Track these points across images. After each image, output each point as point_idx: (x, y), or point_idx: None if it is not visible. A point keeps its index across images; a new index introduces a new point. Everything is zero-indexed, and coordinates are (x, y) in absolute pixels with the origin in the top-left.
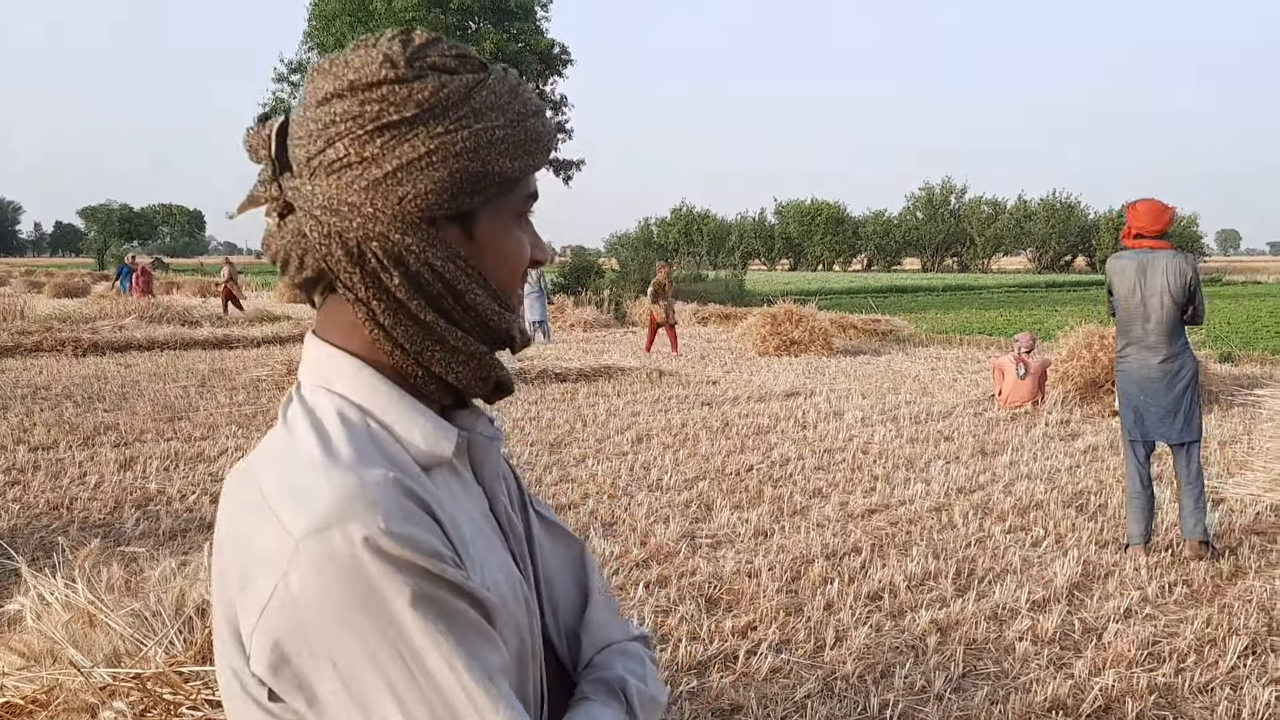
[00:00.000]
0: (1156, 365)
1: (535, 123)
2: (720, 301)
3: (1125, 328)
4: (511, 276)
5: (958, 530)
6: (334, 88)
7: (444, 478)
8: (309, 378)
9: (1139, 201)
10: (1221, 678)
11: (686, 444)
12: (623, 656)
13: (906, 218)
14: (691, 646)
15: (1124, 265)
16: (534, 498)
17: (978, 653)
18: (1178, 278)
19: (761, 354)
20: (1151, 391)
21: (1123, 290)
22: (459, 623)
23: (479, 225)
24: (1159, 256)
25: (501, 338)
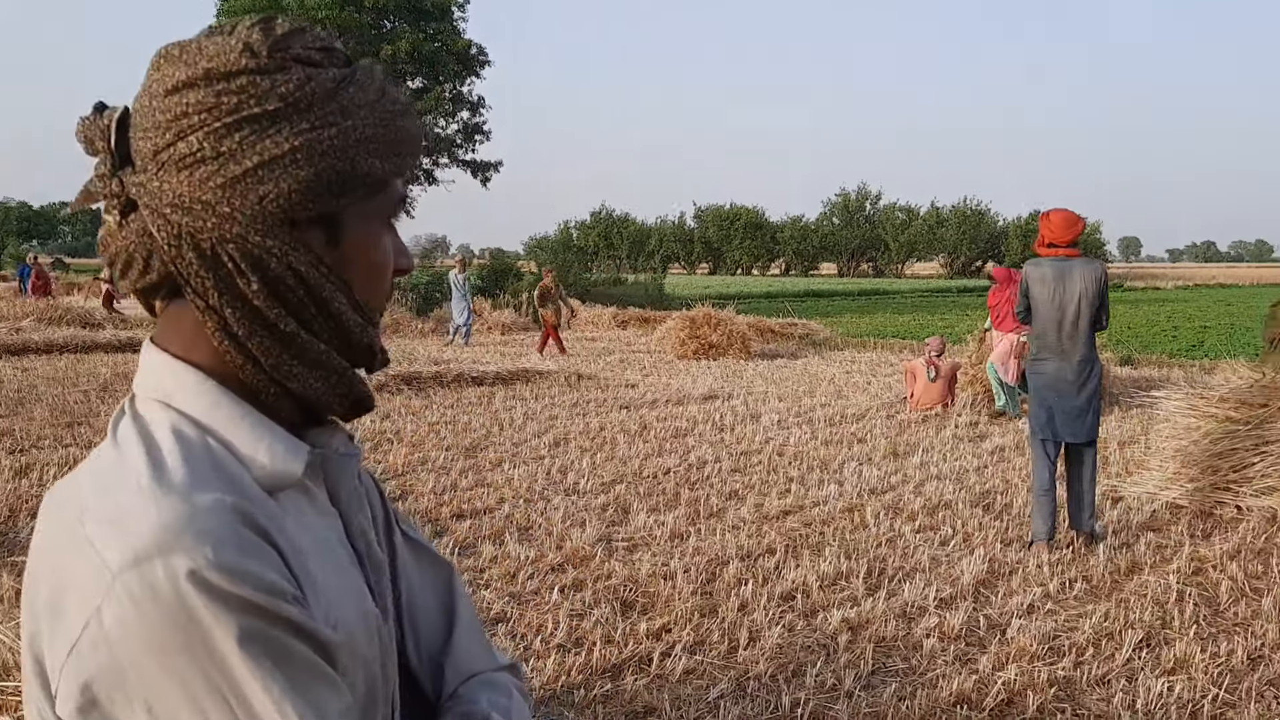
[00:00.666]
0: (1072, 368)
1: (405, 122)
2: (640, 305)
3: (1042, 333)
4: (377, 286)
5: (869, 530)
6: (186, 76)
7: (293, 500)
8: (145, 390)
9: (1052, 211)
10: (1118, 670)
11: (604, 447)
12: (487, 688)
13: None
14: (606, 650)
15: (1043, 272)
16: (401, 517)
17: (887, 650)
18: (1093, 284)
19: (680, 357)
20: (1066, 393)
21: (1041, 296)
22: (293, 664)
23: (345, 230)
24: (1074, 264)
25: (362, 353)
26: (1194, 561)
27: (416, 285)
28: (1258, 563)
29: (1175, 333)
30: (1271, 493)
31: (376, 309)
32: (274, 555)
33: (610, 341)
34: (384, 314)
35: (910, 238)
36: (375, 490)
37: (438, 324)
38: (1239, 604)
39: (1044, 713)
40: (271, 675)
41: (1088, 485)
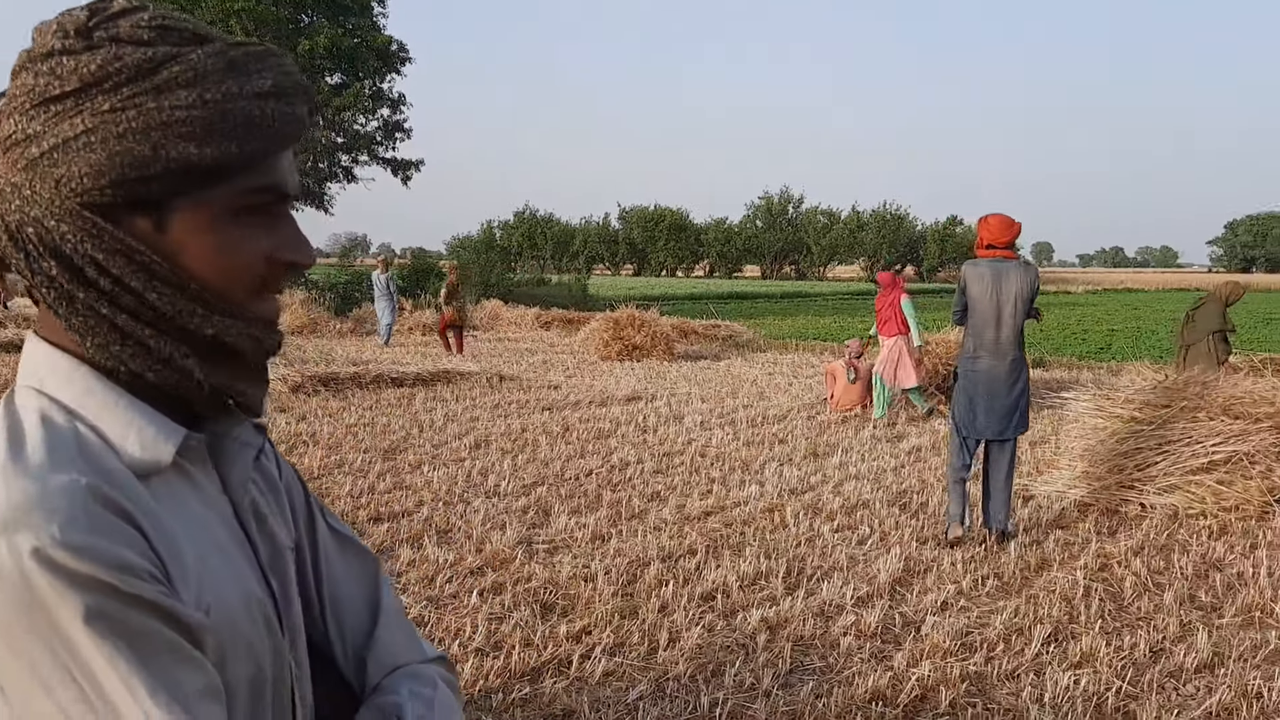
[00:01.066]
0: (1005, 366)
1: (251, 105)
2: (563, 306)
3: (978, 331)
4: (225, 277)
5: (789, 530)
6: (19, 60)
7: (170, 484)
8: (23, 379)
9: (990, 216)
10: (1027, 664)
11: (526, 449)
12: (411, 679)
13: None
14: (525, 653)
15: (981, 272)
16: (326, 510)
17: (805, 649)
18: (1028, 287)
19: (604, 359)
20: (997, 391)
21: (980, 295)
22: (145, 642)
23: (174, 218)
24: (1011, 266)
25: (214, 346)
26: (1100, 558)
27: (335, 285)
28: (1160, 558)
29: (1085, 336)
30: (1173, 490)
31: (237, 300)
32: (133, 535)
33: (533, 342)
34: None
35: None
36: (297, 482)
37: (356, 324)
38: (1142, 598)
39: (956, 708)
40: (119, 652)
41: (1005, 483)
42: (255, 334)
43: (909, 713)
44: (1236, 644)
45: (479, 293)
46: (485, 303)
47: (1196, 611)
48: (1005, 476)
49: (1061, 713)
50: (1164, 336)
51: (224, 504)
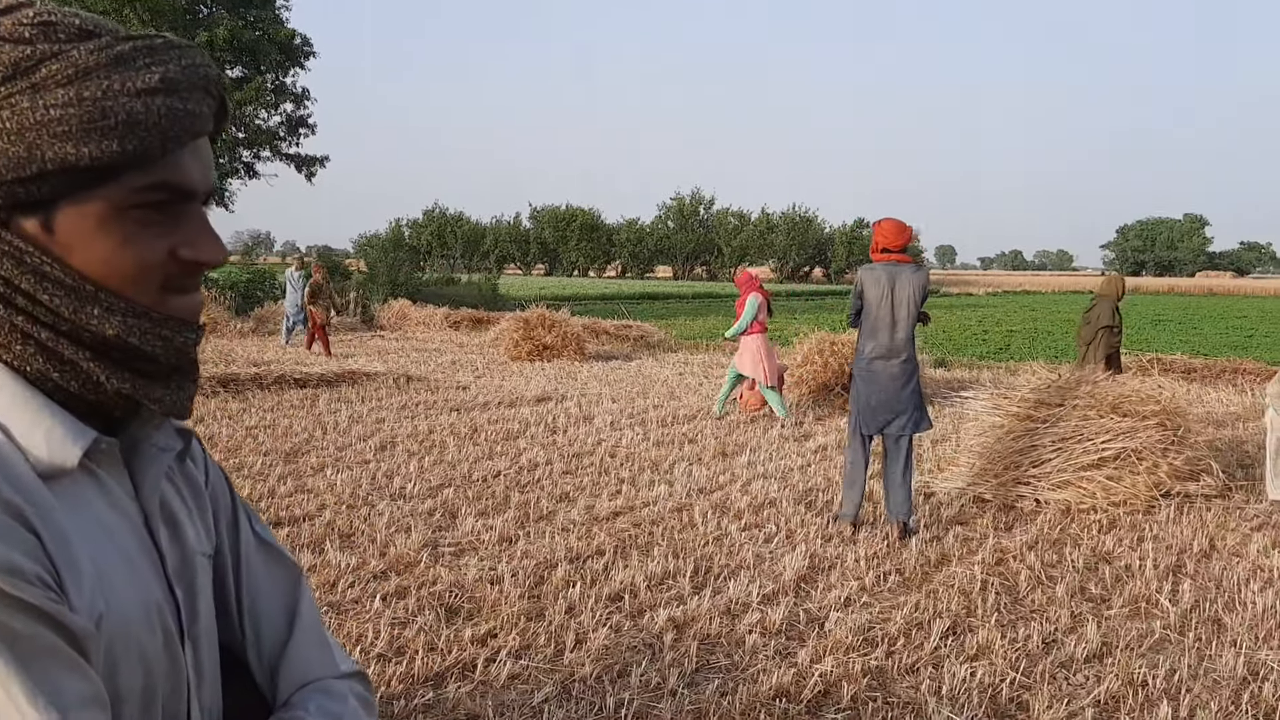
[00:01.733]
0: (898, 365)
1: (134, 102)
2: (473, 305)
3: (872, 332)
4: (122, 276)
5: (697, 529)
6: None
7: (78, 488)
8: None
9: (884, 220)
10: (926, 657)
11: (433, 451)
12: (320, 694)
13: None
14: (429, 658)
15: (877, 275)
16: (254, 516)
17: (711, 647)
18: (920, 290)
19: (514, 359)
20: (891, 389)
21: (874, 298)
22: (28, 647)
23: (60, 218)
24: (904, 270)
25: (119, 347)
26: (997, 553)
27: (235, 284)
28: (1053, 552)
29: (985, 336)
30: (1066, 486)
31: (143, 299)
32: (26, 538)
33: (442, 343)
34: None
35: (742, 242)
36: (225, 486)
37: (258, 324)
38: (1036, 591)
39: (857, 702)
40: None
41: (903, 478)
42: (165, 333)
43: (812, 708)
44: (1123, 634)
45: (386, 292)
46: (393, 302)
47: (1087, 603)
48: (903, 471)
49: (958, 704)
50: (1059, 337)
51: (134, 509)
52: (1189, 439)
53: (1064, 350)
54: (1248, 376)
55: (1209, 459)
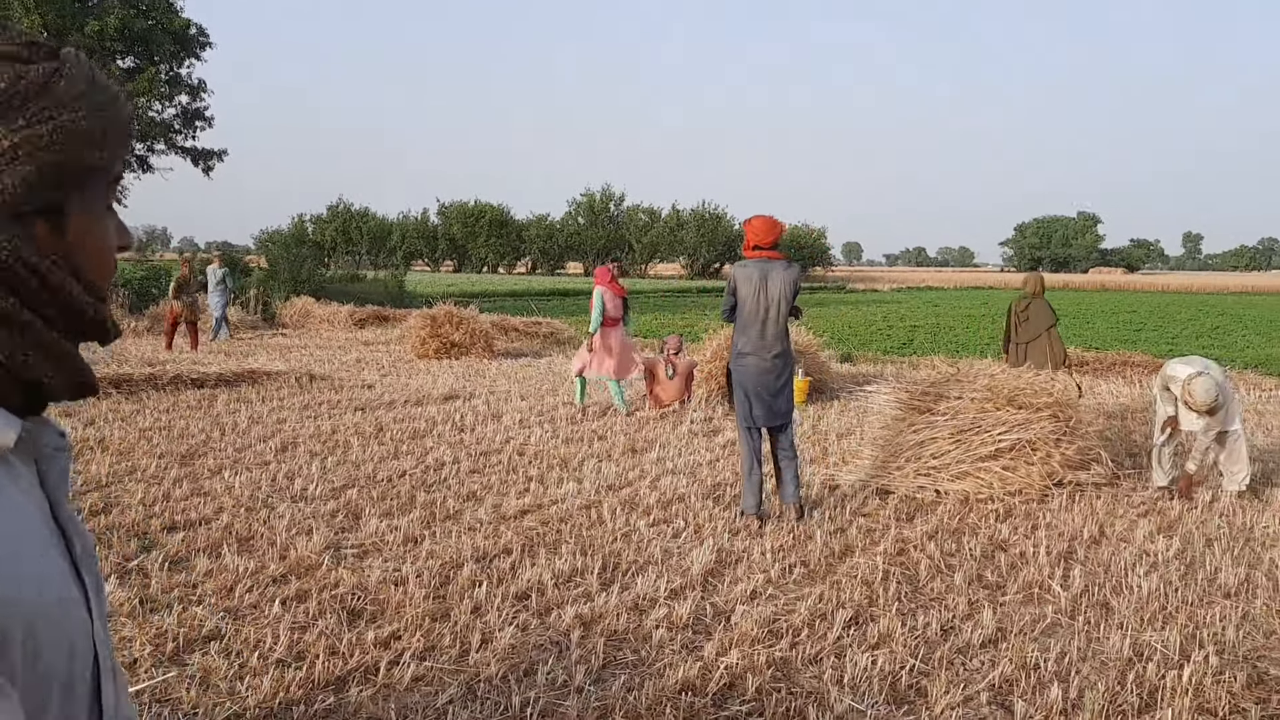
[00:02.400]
0: (770, 360)
1: (116, 110)
2: (379, 303)
3: (745, 328)
4: (104, 267)
5: (606, 526)
6: None
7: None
8: None
9: (754, 218)
10: (829, 647)
11: (336, 451)
12: None
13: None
14: (330, 662)
15: (748, 273)
16: None
17: (618, 643)
18: (791, 286)
19: (421, 357)
20: (766, 383)
21: (746, 295)
22: None
23: (70, 218)
24: (775, 266)
25: (97, 329)
26: (899, 543)
27: (129, 281)
28: (952, 541)
29: (889, 332)
30: (965, 477)
31: (104, 287)
32: None
33: (346, 341)
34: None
35: (653, 239)
36: None
37: (154, 322)
38: (935, 580)
39: (762, 694)
40: None
41: (790, 464)
42: (109, 315)
43: (717, 701)
44: (1018, 619)
45: (289, 289)
46: (296, 299)
47: (983, 590)
48: (790, 458)
49: (859, 692)
50: (960, 332)
51: (42, 500)
52: (1080, 430)
53: (965, 345)
54: (1136, 369)
55: (1099, 449)
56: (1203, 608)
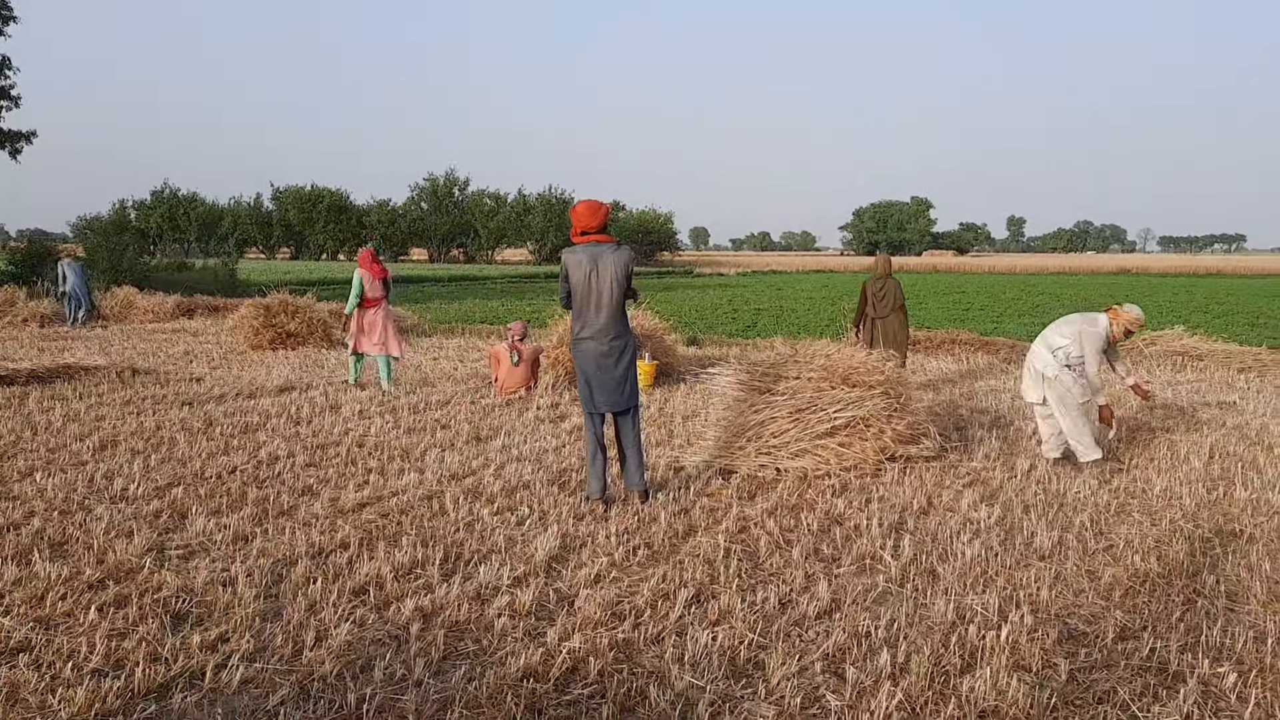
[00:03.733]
0: (609, 344)
1: None
2: (209, 292)
3: (580, 313)
4: None
5: (448, 516)
6: None
7: None
8: None
9: (579, 203)
10: (671, 626)
11: (161, 449)
12: None
13: (412, 208)
14: (152, 669)
15: (579, 258)
16: None
17: (459, 634)
18: (623, 268)
19: (254, 348)
20: (605, 367)
21: (579, 280)
22: None
23: None
24: (605, 250)
25: None
26: (740, 521)
27: None
28: (791, 518)
29: (734, 315)
30: (803, 455)
31: None
32: None
33: (173, 332)
34: None
35: (499, 224)
36: None
37: None
38: (774, 555)
39: (604, 676)
40: None
41: (634, 449)
42: None
43: (560, 686)
44: (851, 590)
45: (109, 279)
46: (116, 290)
47: (820, 563)
48: (634, 443)
49: (699, 669)
50: (802, 314)
51: None
52: (911, 406)
53: (806, 326)
54: (964, 346)
55: (927, 424)
56: (1020, 570)
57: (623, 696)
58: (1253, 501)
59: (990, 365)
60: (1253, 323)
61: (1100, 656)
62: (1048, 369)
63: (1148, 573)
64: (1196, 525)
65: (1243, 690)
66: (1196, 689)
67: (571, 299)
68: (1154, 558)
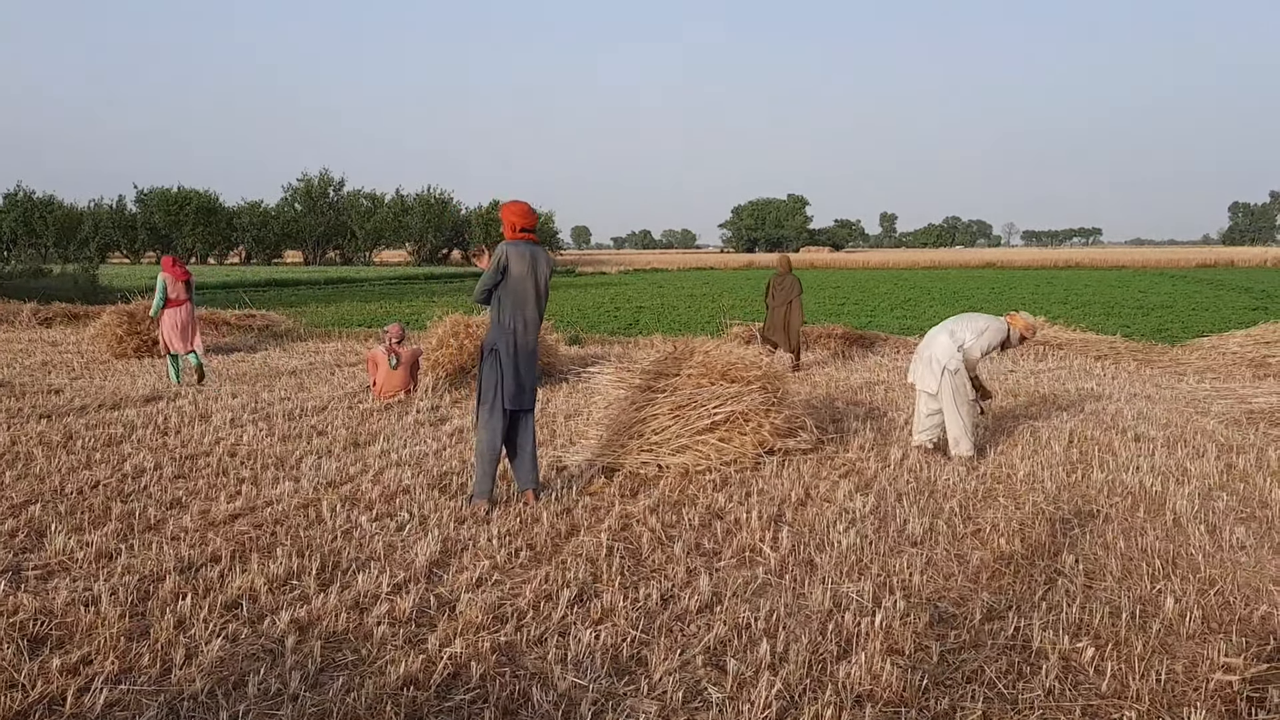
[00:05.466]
0: (534, 341)
1: None
2: (68, 299)
3: (516, 308)
4: None
5: (325, 524)
6: None
7: None
8: None
9: (514, 202)
10: (554, 627)
11: (16, 464)
12: None
13: (285, 209)
14: (8, 696)
15: (521, 252)
16: None
17: (337, 644)
18: (550, 269)
19: (118, 356)
20: (525, 365)
21: (521, 275)
22: None
23: None
24: (540, 250)
25: None
26: (622, 519)
27: None
28: (673, 514)
29: (616, 313)
30: (685, 450)
31: None
32: None
33: (30, 342)
34: None
35: (376, 225)
36: None
37: None
38: (657, 552)
39: (486, 680)
40: None
41: (531, 445)
42: None
43: (441, 692)
44: (732, 582)
45: None
46: None
47: (701, 558)
48: (531, 441)
49: (582, 668)
50: (683, 311)
51: None
52: (788, 400)
53: (687, 324)
54: (838, 340)
55: (804, 417)
56: (894, 557)
57: (505, 700)
58: (1109, 483)
59: (864, 358)
60: (1108, 312)
61: (969, 637)
62: (951, 362)
63: (1012, 554)
64: (1057, 507)
65: (1099, 664)
66: (1057, 665)
67: (503, 292)
68: (1018, 540)
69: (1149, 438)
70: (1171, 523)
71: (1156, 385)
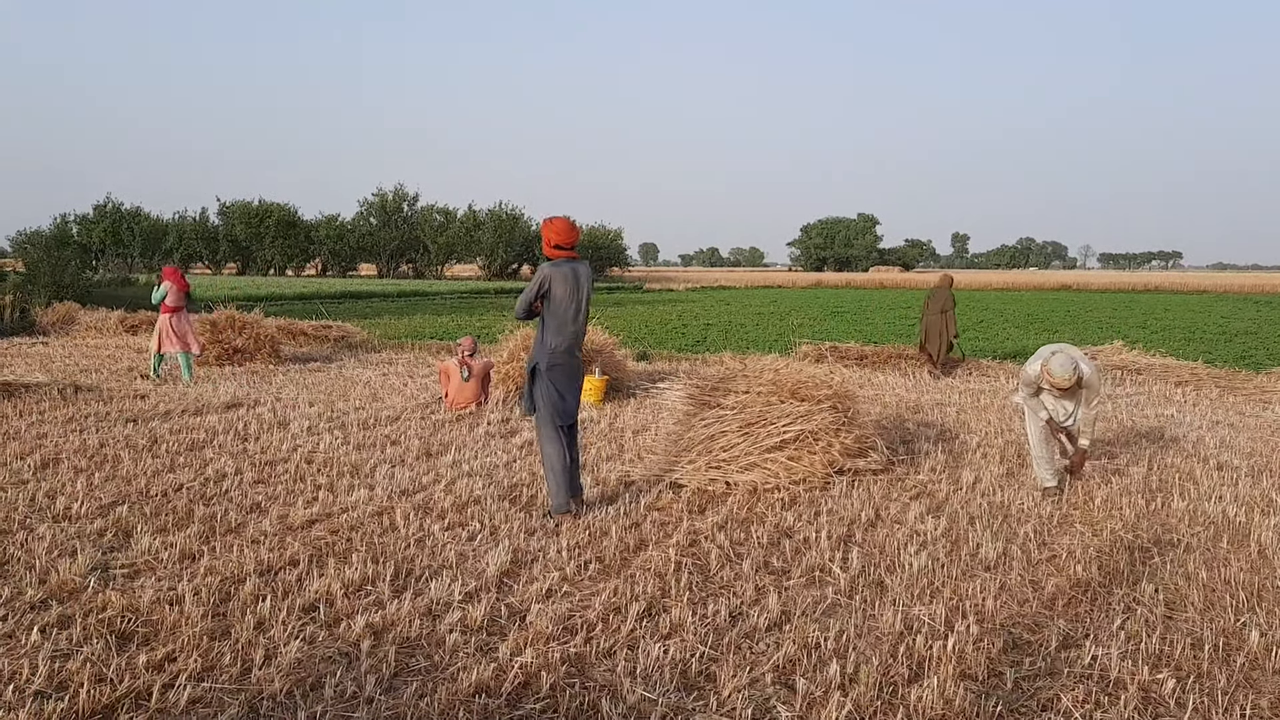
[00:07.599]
0: (580, 358)
1: None
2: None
3: (560, 328)
4: None
5: (399, 532)
6: None
7: None
8: None
9: (556, 219)
10: (623, 640)
11: (105, 466)
12: None
13: (361, 223)
14: (97, 690)
15: (564, 272)
16: None
17: (410, 650)
18: (591, 285)
19: (200, 364)
20: (577, 380)
21: (564, 295)
22: None
23: None
24: (581, 266)
25: None
26: (690, 535)
27: None
28: (741, 531)
29: (684, 330)
30: (753, 468)
31: None
32: None
33: (117, 348)
34: None
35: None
36: None
37: None
38: (725, 569)
39: (556, 690)
40: None
41: (577, 456)
42: None
43: (512, 701)
44: (801, 602)
45: (50, 294)
46: (58, 305)
47: (769, 576)
48: (577, 452)
49: (651, 682)
50: (751, 329)
51: None
52: (858, 420)
53: (755, 341)
54: (910, 361)
55: (874, 437)
56: (966, 581)
57: (575, 710)
58: (1189, 511)
59: (936, 379)
60: (1189, 338)
61: (1044, 664)
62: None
63: (1089, 582)
64: (1136, 535)
65: (1181, 696)
66: (1137, 695)
67: (546, 313)
68: (1095, 567)
69: (1232, 466)
70: (1256, 554)
71: (1240, 413)
